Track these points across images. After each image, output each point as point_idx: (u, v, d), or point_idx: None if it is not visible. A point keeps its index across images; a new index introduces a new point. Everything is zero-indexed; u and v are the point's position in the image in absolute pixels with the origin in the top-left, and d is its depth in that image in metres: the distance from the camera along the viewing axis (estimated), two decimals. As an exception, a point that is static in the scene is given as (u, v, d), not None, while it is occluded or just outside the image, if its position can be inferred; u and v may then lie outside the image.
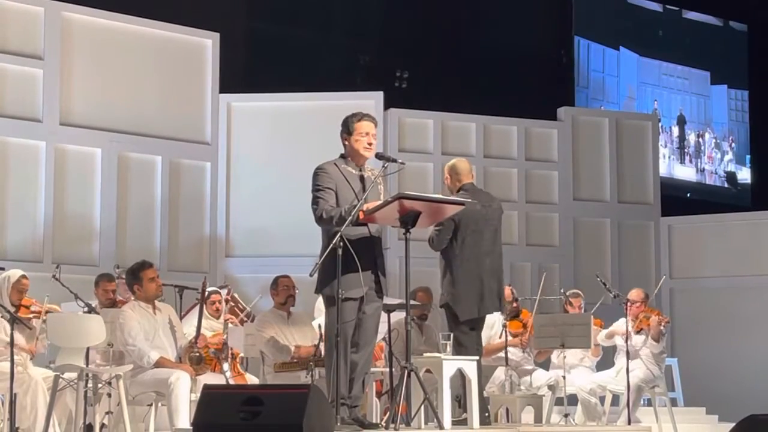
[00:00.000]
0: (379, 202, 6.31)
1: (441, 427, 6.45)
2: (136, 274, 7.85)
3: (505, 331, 8.87)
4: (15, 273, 8.20)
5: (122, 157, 11.22)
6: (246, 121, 11.98)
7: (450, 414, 6.64)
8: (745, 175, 17.88)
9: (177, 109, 11.62)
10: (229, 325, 8.56)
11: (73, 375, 7.67)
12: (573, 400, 9.64)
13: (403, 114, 12.45)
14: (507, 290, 8.63)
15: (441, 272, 7.46)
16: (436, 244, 7.40)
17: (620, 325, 9.60)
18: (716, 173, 17.72)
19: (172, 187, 11.47)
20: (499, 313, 8.19)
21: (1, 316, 7.68)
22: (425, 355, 7.06)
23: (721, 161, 17.79)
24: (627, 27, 17.22)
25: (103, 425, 8.01)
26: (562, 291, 10.26)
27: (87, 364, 7.83)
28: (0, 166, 10.56)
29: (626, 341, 9.16)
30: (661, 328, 9.58)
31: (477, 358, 7.07)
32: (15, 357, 7.28)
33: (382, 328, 7.07)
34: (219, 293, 9.37)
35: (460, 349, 7.26)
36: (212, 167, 11.76)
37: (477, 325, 7.45)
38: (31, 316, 8.07)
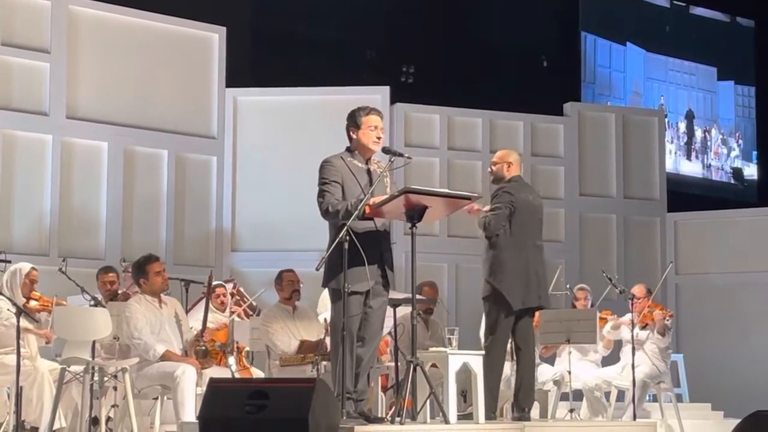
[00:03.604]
0: (385, 197, 6.29)
1: (446, 421, 6.44)
2: (142, 267, 7.85)
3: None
4: (25, 266, 8.21)
5: (128, 151, 11.23)
6: (252, 116, 11.98)
7: (455, 408, 6.64)
8: (751, 171, 17.86)
9: (183, 103, 11.63)
10: (235, 318, 8.56)
11: (80, 368, 7.66)
12: (578, 395, 9.64)
13: (409, 109, 12.43)
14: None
15: (487, 261, 7.29)
16: (492, 227, 7.25)
17: (626, 320, 9.60)
18: (722, 169, 17.70)
19: (178, 181, 11.48)
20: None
21: (7, 309, 7.69)
22: (431, 349, 7.06)
23: (728, 157, 17.78)
24: (634, 22, 17.21)
25: (108, 418, 8.01)
26: (568, 286, 10.25)
27: (93, 357, 7.84)
28: (7, 159, 10.58)
29: (632, 337, 9.15)
30: (666, 322, 9.58)
31: (480, 353, 7.04)
32: (22, 350, 7.30)
33: (388, 323, 7.06)
34: (224, 287, 9.38)
35: (496, 340, 7.22)
36: (218, 161, 11.77)
37: (522, 315, 7.32)
38: (40, 308, 8.10)
